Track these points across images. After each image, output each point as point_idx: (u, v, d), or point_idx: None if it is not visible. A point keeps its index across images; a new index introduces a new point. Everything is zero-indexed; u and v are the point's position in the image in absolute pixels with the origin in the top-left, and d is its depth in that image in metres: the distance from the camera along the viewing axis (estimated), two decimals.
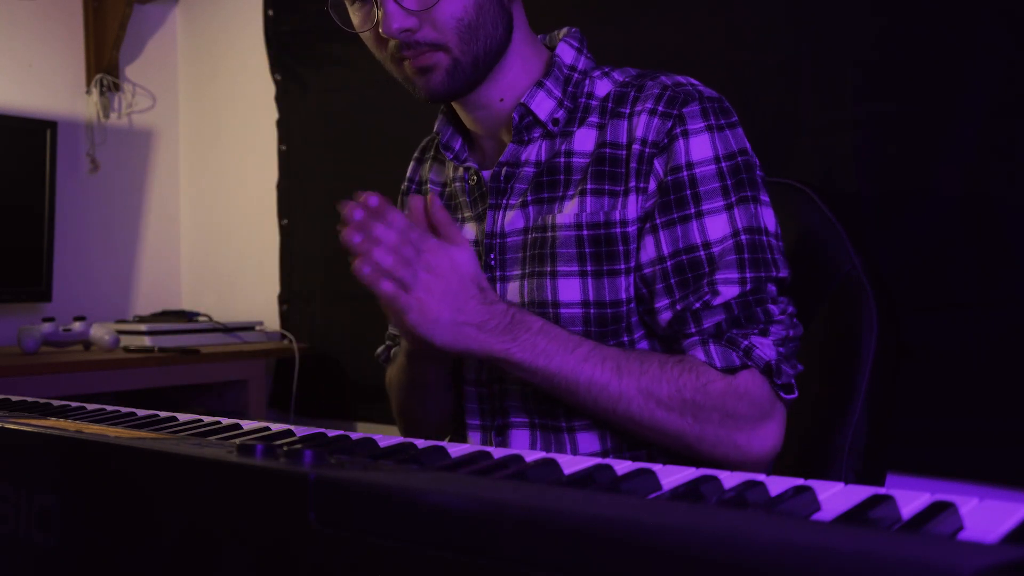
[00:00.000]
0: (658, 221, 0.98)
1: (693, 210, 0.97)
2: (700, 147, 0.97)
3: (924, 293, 1.47)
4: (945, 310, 1.46)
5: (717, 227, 0.96)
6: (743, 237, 0.96)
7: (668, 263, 0.97)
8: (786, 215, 1.09)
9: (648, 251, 0.99)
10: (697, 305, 0.95)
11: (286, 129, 2.60)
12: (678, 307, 0.97)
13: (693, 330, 0.96)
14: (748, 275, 0.95)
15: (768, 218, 0.99)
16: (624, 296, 1.00)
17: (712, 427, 0.93)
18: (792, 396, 0.96)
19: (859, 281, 1.11)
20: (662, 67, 1.07)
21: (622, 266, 1.00)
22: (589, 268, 1.00)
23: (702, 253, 0.96)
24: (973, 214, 1.43)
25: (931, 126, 1.47)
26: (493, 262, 1.07)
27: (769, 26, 1.65)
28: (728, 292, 0.95)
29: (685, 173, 0.97)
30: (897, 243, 1.49)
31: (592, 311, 1.00)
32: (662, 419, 0.93)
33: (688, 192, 0.97)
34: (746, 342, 0.94)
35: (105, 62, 2.67)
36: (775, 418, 0.95)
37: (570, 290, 1.01)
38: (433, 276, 0.89)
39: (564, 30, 1.11)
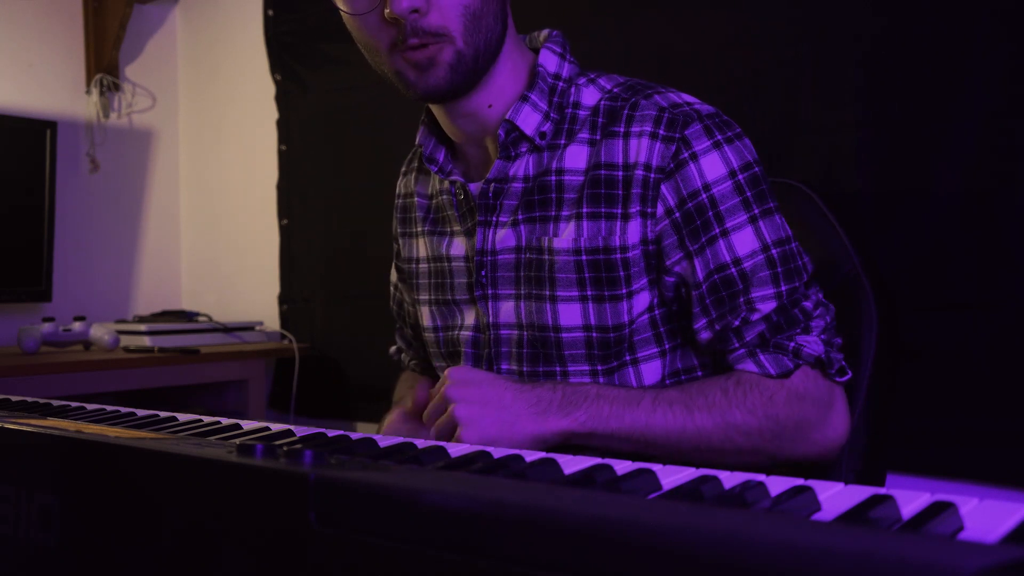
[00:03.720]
0: (691, 248, 0.98)
1: (718, 230, 0.97)
2: (712, 166, 0.97)
3: (924, 293, 1.47)
4: (944, 310, 1.46)
5: (744, 242, 0.97)
6: (774, 251, 0.97)
7: (704, 286, 0.98)
8: (786, 215, 1.09)
9: (685, 275, 0.99)
10: (736, 323, 0.97)
11: (286, 129, 2.60)
12: (717, 327, 0.98)
13: (737, 345, 0.97)
14: (784, 288, 0.97)
15: (785, 224, 1.00)
16: (626, 319, 1.00)
17: (788, 437, 0.95)
18: (847, 377, 0.98)
19: (859, 281, 1.11)
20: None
21: (623, 291, 1.00)
22: (590, 293, 1.00)
23: (733, 270, 0.97)
24: (973, 214, 1.43)
25: (931, 126, 1.47)
26: (484, 279, 1.06)
27: (769, 26, 1.65)
28: (766, 307, 0.97)
29: (704, 196, 0.97)
30: (897, 243, 1.49)
31: (595, 335, 1.01)
32: (742, 443, 0.95)
33: (711, 214, 0.97)
34: (792, 344, 0.96)
35: (105, 62, 2.66)
36: (837, 403, 0.98)
37: (571, 315, 1.01)
38: (465, 402, 0.93)
39: (545, 33, 1.09)
